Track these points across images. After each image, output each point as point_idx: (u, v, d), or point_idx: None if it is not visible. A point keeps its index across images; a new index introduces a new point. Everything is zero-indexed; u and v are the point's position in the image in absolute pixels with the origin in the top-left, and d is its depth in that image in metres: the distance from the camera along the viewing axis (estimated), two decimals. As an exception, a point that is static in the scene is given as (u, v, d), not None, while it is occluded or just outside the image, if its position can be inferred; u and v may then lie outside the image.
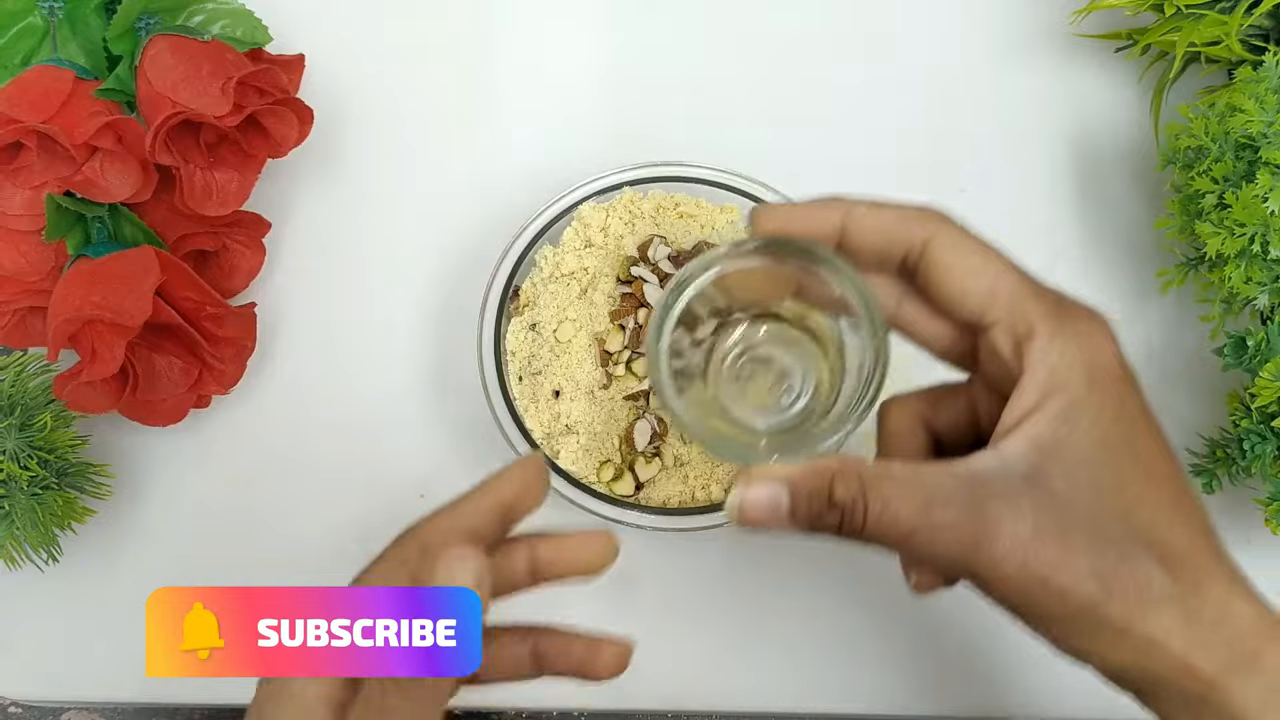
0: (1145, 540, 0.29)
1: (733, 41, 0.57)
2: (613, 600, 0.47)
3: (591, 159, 0.51)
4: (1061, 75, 0.56)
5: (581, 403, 0.45)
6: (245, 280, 0.50)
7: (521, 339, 0.47)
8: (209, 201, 0.47)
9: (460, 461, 0.49)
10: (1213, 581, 0.29)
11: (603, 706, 0.46)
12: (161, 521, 0.48)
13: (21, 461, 0.42)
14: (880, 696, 0.46)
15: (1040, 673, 0.46)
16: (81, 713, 0.47)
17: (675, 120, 0.55)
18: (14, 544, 0.43)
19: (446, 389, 0.50)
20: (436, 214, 0.53)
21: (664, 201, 0.49)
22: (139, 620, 0.47)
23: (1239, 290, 0.44)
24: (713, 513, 0.44)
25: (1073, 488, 0.29)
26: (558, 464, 0.44)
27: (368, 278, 0.52)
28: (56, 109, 0.44)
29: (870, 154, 0.54)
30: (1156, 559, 0.29)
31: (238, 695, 0.46)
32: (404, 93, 0.56)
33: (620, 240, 0.48)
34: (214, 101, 0.45)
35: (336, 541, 0.48)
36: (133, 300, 0.43)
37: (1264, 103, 0.44)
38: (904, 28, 0.57)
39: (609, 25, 0.57)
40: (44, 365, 0.46)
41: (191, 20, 0.51)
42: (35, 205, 0.45)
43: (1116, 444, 0.29)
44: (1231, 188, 0.44)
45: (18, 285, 0.46)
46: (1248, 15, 0.47)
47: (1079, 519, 0.29)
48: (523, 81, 0.56)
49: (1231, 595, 0.29)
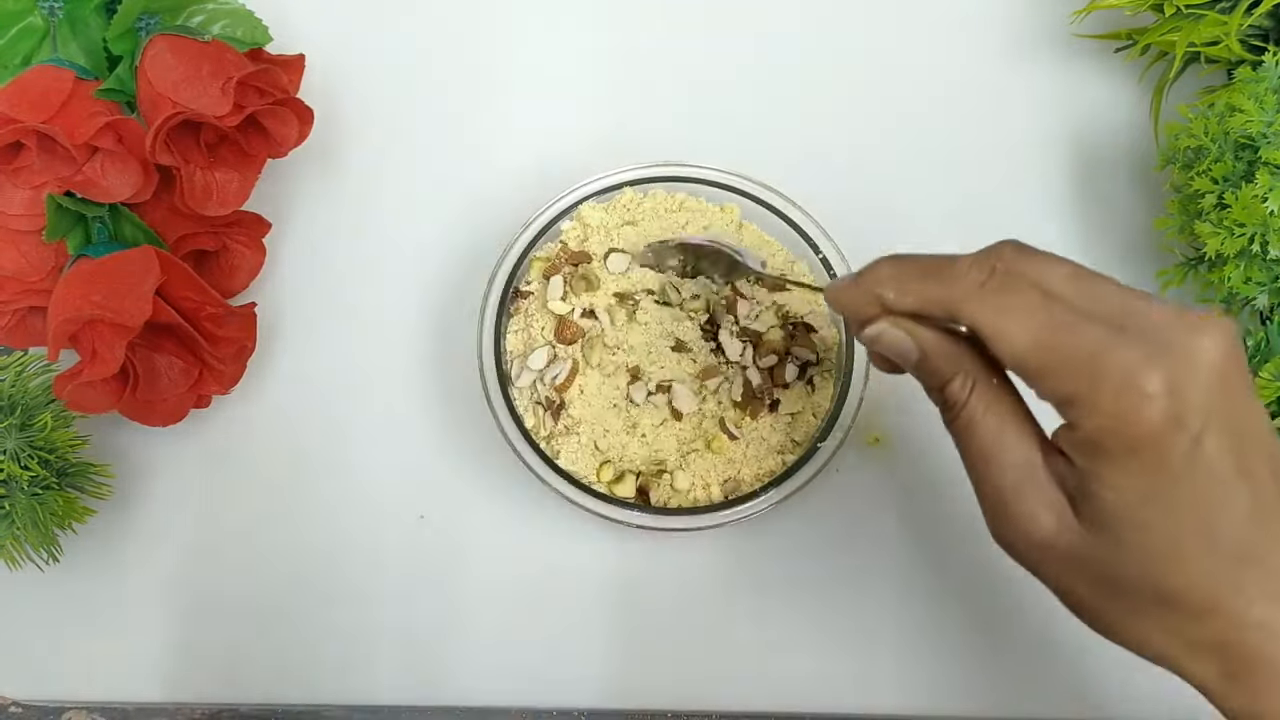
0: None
1: (733, 42, 0.57)
2: (614, 600, 0.47)
3: (591, 159, 0.51)
4: (1061, 75, 0.56)
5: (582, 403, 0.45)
6: (245, 280, 0.50)
7: (521, 339, 0.47)
8: (209, 201, 0.47)
9: (459, 460, 0.49)
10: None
11: (603, 706, 0.46)
12: (161, 521, 0.48)
13: (22, 461, 0.42)
14: (881, 695, 0.46)
15: (1055, 669, 0.46)
16: (81, 713, 0.47)
17: (675, 120, 0.55)
18: (14, 544, 0.43)
19: (446, 388, 0.50)
20: (436, 214, 0.53)
21: (664, 201, 0.49)
22: (139, 620, 0.48)
23: (1238, 290, 0.44)
24: (713, 512, 0.44)
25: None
26: (558, 464, 0.44)
27: (368, 278, 0.52)
28: (56, 109, 0.45)
29: (870, 154, 0.54)
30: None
31: (237, 695, 0.47)
32: (404, 93, 0.56)
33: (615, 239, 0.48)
34: (214, 101, 0.45)
35: (336, 540, 0.48)
36: (133, 300, 0.43)
37: (1263, 103, 0.44)
38: (904, 28, 0.57)
39: (609, 25, 0.57)
40: (44, 365, 0.46)
41: (192, 20, 0.51)
42: (35, 205, 0.45)
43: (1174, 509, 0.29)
44: (1231, 188, 0.44)
45: (18, 285, 0.46)
46: (1247, 15, 0.47)
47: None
48: (523, 81, 0.56)
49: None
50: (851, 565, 0.47)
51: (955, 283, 0.31)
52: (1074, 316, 0.29)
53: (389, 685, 0.46)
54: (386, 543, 0.48)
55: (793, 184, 0.48)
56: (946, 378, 0.33)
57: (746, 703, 0.46)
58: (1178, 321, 0.29)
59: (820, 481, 0.44)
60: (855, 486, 0.48)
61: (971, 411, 0.32)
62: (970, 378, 0.32)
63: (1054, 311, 0.30)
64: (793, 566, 0.47)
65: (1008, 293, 0.30)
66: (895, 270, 0.33)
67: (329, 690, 0.46)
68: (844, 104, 0.55)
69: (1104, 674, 0.46)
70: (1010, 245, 0.32)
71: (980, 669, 0.46)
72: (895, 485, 0.49)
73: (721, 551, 0.48)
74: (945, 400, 0.33)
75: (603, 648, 0.47)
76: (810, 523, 0.48)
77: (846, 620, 0.47)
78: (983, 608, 0.47)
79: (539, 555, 0.48)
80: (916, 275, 0.33)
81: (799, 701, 0.46)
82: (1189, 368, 0.28)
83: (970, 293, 0.31)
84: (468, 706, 0.46)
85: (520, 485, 0.47)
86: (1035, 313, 0.30)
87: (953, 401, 0.33)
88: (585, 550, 0.48)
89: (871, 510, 0.48)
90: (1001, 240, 0.32)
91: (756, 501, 0.43)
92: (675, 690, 0.46)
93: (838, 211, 0.48)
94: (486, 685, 0.46)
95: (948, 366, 0.33)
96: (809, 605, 0.47)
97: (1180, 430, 0.28)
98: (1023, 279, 0.30)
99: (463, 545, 0.48)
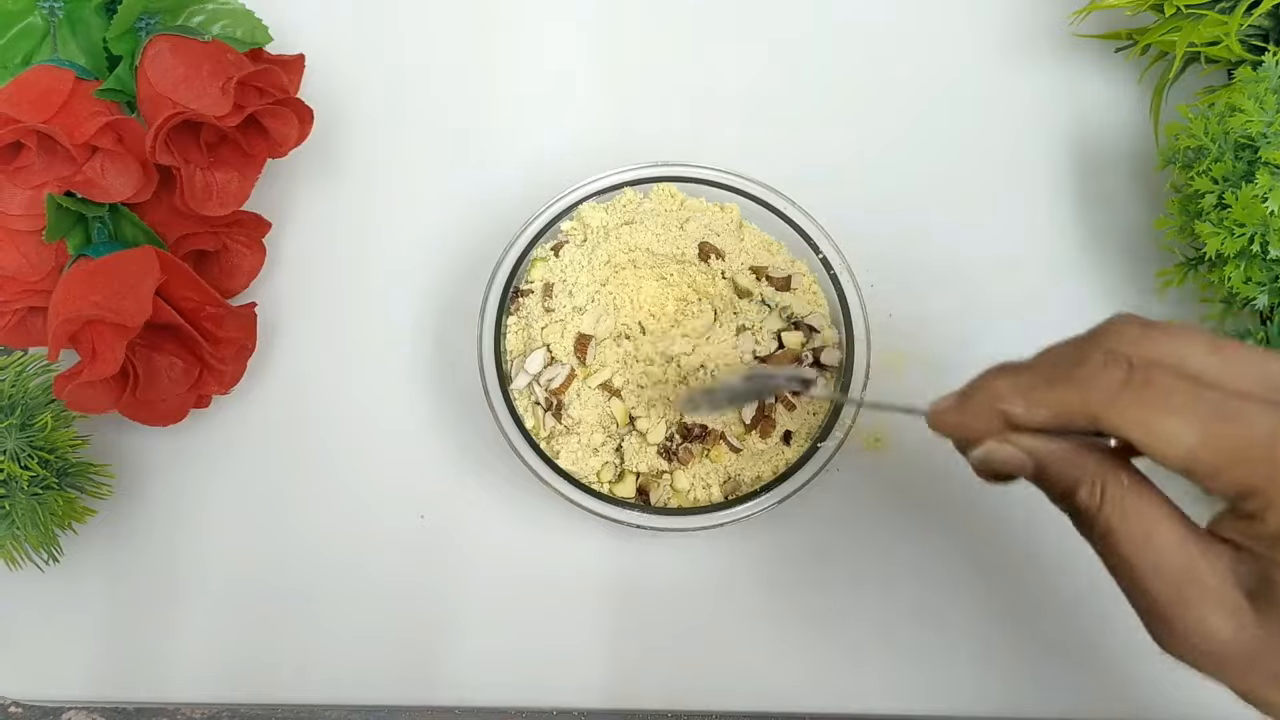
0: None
1: (733, 42, 0.57)
2: (614, 600, 0.47)
3: (591, 159, 0.51)
4: (1061, 75, 0.56)
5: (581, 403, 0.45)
6: (245, 280, 0.50)
7: (521, 339, 0.47)
8: (209, 201, 0.47)
9: (459, 460, 0.49)
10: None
11: (603, 706, 0.46)
12: (161, 521, 0.48)
13: (22, 461, 0.42)
14: (881, 695, 0.46)
15: (1055, 669, 0.46)
16: (81, 713, 0.47)
17: (675, 120, 0.55)
18: (14, 544, 0.43)
19: (446, 388, 0.50)
20: (437, 213, 0.53)
21: (664, 201, 0.49)
22: (139, 620, 0.48)
23: (1238, 290, 0.44)
24: (713, 513, 0.44)
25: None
26: (558, 464, 0.44)
27: (368, 277, 0.52)
28: (56, 109, 0.45)
29: (870, 154, 0.54)
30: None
31: (237, 695, 0.47)
32: (404, 92, 0.56)
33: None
34: (214, 101, 0.45)
35: (337, 539, 0.48)
36: (133, 300, 0.43)
37: (1263, 103, 0.44)
38: (904, 28, 0.57)
39: (609, 25, 0.57)
40: (44, 365, 0.46)
41: (192, 20, 0.51)
42: (36, 205, 0.45)
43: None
44: (1231, 188, 0.44)
45: (18, 285, 0.46)
46: (1247, 15, 0.47)
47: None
48: (523, 81, 0.56)
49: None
50: (851, 565, 0.47)
51: (1092, 387, 0.28)
52: (1235, 400, 0.27)
53: (388, 685, 0.46)
54: (386, 543, 0.48)
55: (793, 184, 0.48)
56: (1072, 486, 0.30)
57: (746, 703, 0.46)
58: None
59: (820, 481, 0.44)
60: (855, 486, 0.48)
61: (1108, 519, 0.29)
62: (1098, 482, 0.29)
63: (1212, 400, 0.27)
64: (792, 566, 0.47)
65: (1154, 388, 0.28)
66: (1015, 382, 0.30)
67: (328, 690, 0.46)
68: (844, 104, 0.55)
69: (1104, 673, 0.46)
70: (1131, 326, 0.29)
71: (980, 669, 0.46)
72: (895, 485, 0.49)
73: (721, 551, 0.48)
74: (1076, 508, 0.30)
75: (603, 648, 0.47)
76: (810, 523, 0.48)
77: (846, 620, 0.47)
78: (982, 607, 0.47)
79: (539, 555, 0.48)
80: (1043, 385, 0.29)
81: (798, 701, 0.46)
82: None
83: (1114, 396, 0.28)
84: (467, 706, 0.46)
85: (520, 485, 0.47)
86: (1194, 405, 0.27)
87: (1084, 509, 0.30)
88: (585, 550, 0.48)
89: (871, 510, 0.48)
90: (1114, 318, 0.30)
91: (756, 501, 0.43)
92: (675, 690, 0.46)
93: (838, 211, 0.48)
94: (486, 685, 0.46)
95: (1071, 473, 0.30)
96: (809, 605, 0.47)
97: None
98: (1166, 369, 0.28)
99: (463, 545, 0.48)
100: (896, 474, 0.49)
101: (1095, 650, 0.46)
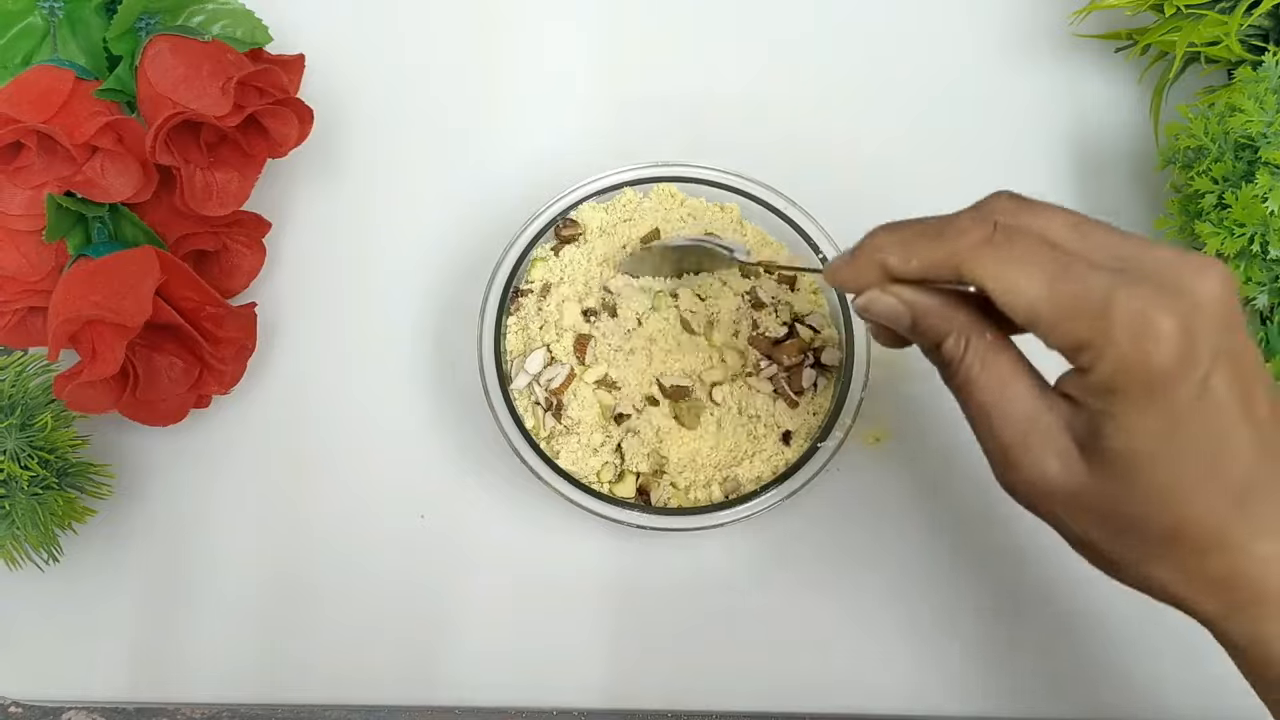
0: None
1: (733, 42, 0.57)
2: (614, 600, 0.47)
3: (591, 159, 0.51)
4: (1061, 75, 0.56)
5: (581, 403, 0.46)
6: (245, 280, 0.50)
7: (521, 339, 0.47)
8: (209, 201, 0.47)
9: (459, 459, 0.49)
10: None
11: (603, 706, 0.46)
12: (161, 521, 0.48)
13: (22, 461, 0.42)
14: (882, 695, 0.46)
15: (1057, 668, 0.46)
16: (81, 713, 0.47)
17: (675, 120, 0.55)
18: (14, 544, 0.43)
19: (446, 388, 0.50)
20: (437, 213, 0.53)
21: (664, 201, 0.49)
22: (139, 620, 0.48)
23: (1239, 290, 0.44)
24: (713, 512, 0.44)
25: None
26: (558, 464, 0.44)
27: (368, 278, 0.52)
28: (56, 109, 0.45)
29: (870, 153, 0.54)
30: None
31: (237, 695, 0.47)
32: (404, 92, 0.56)
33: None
34: (214, 101, 0.45)
35: (337, 539, 0.48)
36: (133, 300, 0.43)
37: (1263, 103, 0.44)
38: (904, 28, 0.57)
39: (609, 25, 0.57)
40: (44, 365, 0.46)
41: (191, 20, 0.51)
42: (36, 205, 0.45)
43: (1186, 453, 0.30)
44: (1231, 188, 0.44)
45: (18, 285, 0.46)
46: (1247, 15, 0.47)
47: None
48: (523, 81, 0.56)
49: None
50: (851, 565, 0.47)
51: (958, 241, 0.31)
52: (1081, 264, 0.29)
53: (388, 685, 0.46)
54: (386, 543, 0.48)
55: (793, 184, 0.48)
56: (940, 336, 0.33)
57: (746, 702, 0.46)
58: (1181, 263, 0.29)
59: (820, 481, 0.44)
60: (855, 486, 0.48)
61: (969, 368, 0.32)
62: (964, 334, 0.32)
63: (1061, 260, 0.30)
64: (793, 566, 0.47)
65: (1013, 246, 0.30)
66: (894, 236, 0.33)
67: (328, 690, 0.46)
68: (844, 104, 0.55)
69: (1105, 673, 0.46)
70: (1007, 196, 0.32)
71: (982, 668, 0.46)
72: (895, 485, 0.49)
73: (721, 551, 0.48)
74: (942, 359, 0.33)
75: (603, 648, 0.47)
76: (810, 523, 0.48)
77: (846, 620, 0.47)
78: (984, 607, 0.47)
79: (539, 555, 0.48)
80: (917, 238, 0.32)
81: (799, 701, 0.46)
82: (1196, 308, 0.29)
83: (975, 249, 0.31)
84: (467, 706, 0.46)
85: (520, 485, 0.47)
86: (1043, 264, 0.30)
87: (949, 359, 0.33)
88: (585, 550, 0.48)
89: (871, 510, 0.48)
90: (996, 192, 0.32)
91: (756, 501, 0.43)
92: (675, 690, 0.46)
93: (838, 212, 0.48)
94: (486, 685, 0.46)
95: (941, 325, 0.33)
96: (809, 605, 0.47)
97: (1192, 369, 0.29)
98: (1026, 231, 0.30)
99: (463, 545, 0.48)
100: (896, 474, 0.49)
101: (1098, 649, 0.46)
